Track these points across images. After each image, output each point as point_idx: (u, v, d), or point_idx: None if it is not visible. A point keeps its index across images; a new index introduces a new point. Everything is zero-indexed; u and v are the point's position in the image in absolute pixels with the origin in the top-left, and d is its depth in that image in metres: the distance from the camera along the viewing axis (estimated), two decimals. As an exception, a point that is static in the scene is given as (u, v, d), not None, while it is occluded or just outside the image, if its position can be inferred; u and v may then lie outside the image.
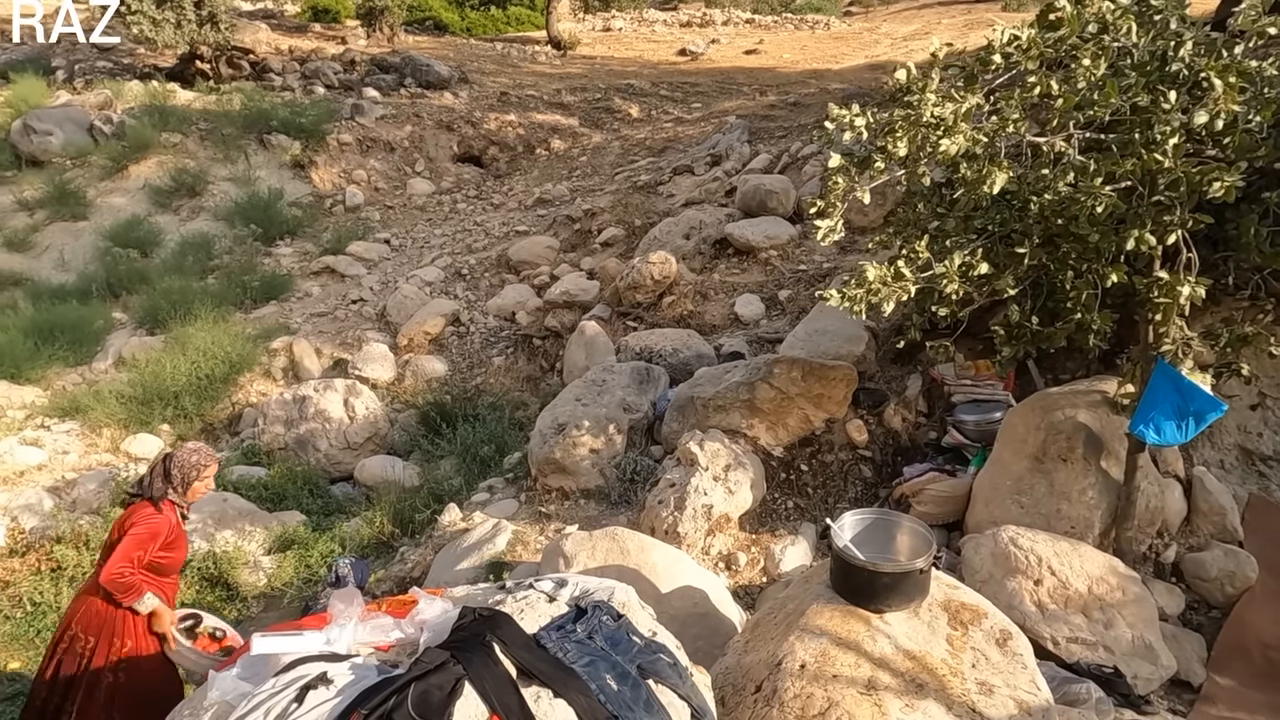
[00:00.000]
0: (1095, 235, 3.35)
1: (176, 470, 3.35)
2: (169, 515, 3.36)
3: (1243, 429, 4.60)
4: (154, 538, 3.27)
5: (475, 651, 1.96)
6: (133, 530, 3.23)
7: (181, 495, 3.38)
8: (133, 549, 3.20)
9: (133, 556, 3.20)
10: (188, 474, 3.37)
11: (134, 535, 3.22)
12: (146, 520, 3.27)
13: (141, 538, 3.23)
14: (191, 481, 3.38)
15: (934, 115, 2.93)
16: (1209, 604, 3.94)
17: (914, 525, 2.95)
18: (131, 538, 3.21)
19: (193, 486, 3.40)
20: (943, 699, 2.53)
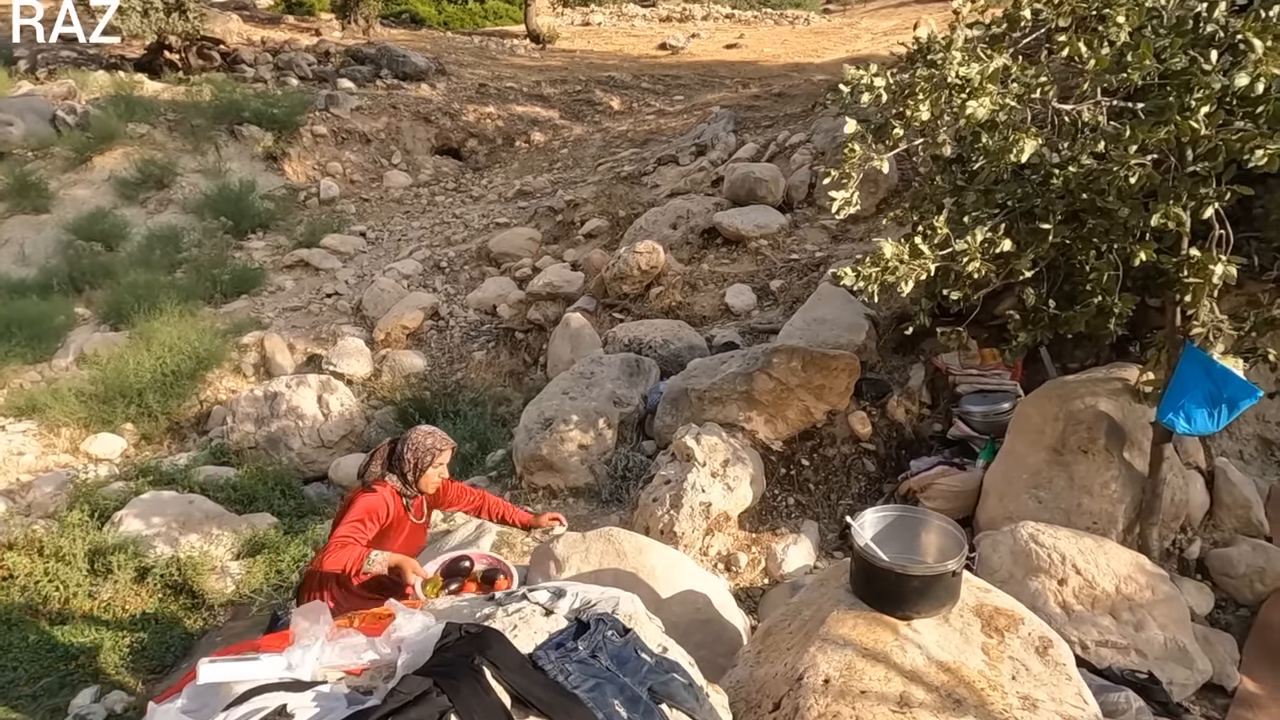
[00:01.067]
0: (1125, 210, 3.13)
1: (410, 454, 3.02)
2: (385, 496, 3.00)
3: (1261, 418, 4.42)
4: (370, 513, 2.94)
5: (462, 678, 1.67)
6: (353, 509, 2.94)
7: (412, 483, 3.04)
8: (346, 527, 2.88)
9: (348, 531, 2.87)
10: (421, 458, 3.03)
11: (353, 514, 2.92)
12: (360, 500, 2.96)
13: (355, 516, 2.91)
14: (425, 467, 3.04)
15: (959, 76, 2.68)
16: (1237, 602, 3.74)
17: (943, 523, 2.71)
18: (351, 513, 2.92)
19: (425, 473, 3.05)
20: (983, 715, 2.28)
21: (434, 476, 3.09)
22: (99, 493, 5.82)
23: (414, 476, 3.04)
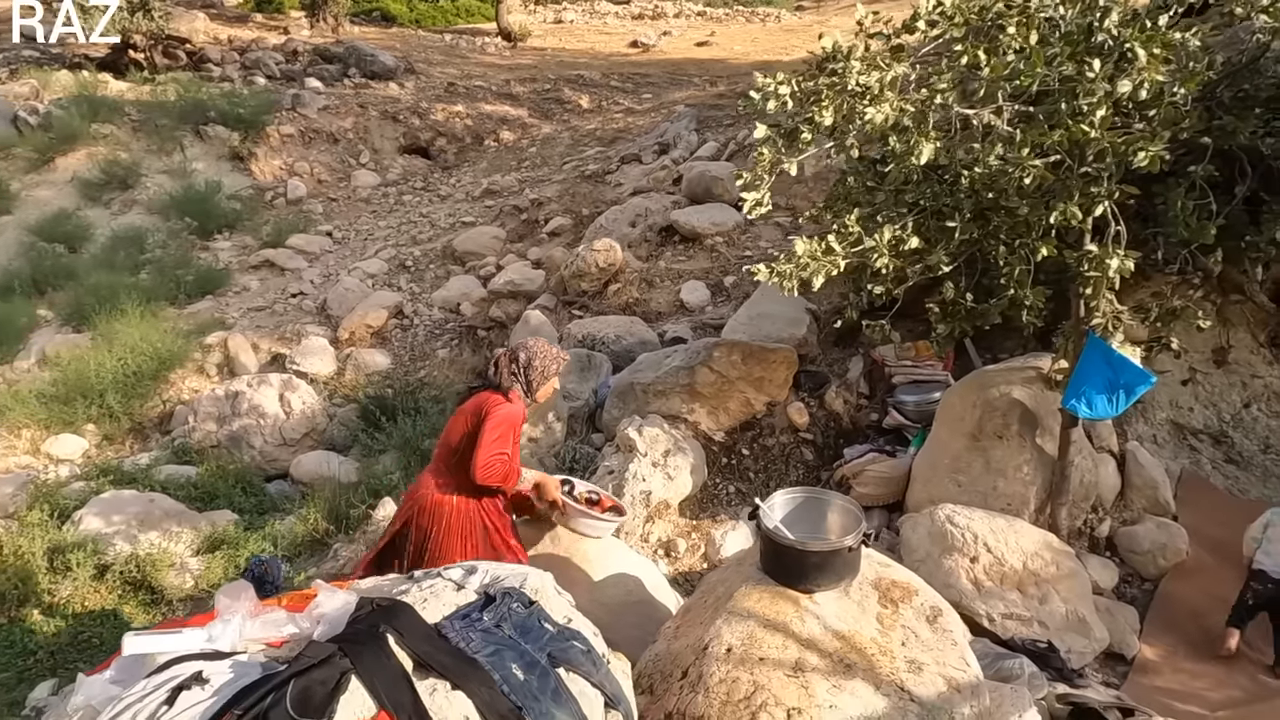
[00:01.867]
0: (1024, 208, 3.33)
1: (539, 363, 3.00)
2: (520, 407, 3.00)
3: (1174, 404, 4.66)
4: (513, 426, 2.94)
5: (366, 644, 1.83)
6: (494, 419, 2.88)
7: (529, 393, 3.03)
8: (496, 439, 2.86)
9: (501, 448, 2.87)
10: (547, 368, 3.02)
11: (493, 424, 2.87)
12: (507, 408, 2.92)
13: (502, 426, 2.88)
14: (547, 378, 3.05)
15: (859, 83, 2.86)
16: (1142, 576, 3.97)
17: (845, 503, 2.89)
18: (492, 427, 2.87)
19: (544, 386, 3.05)
20: (871, 678, 2.47)
21: (548, 391, 3.11)
22: (59, 493, 5.89)
23: (537, 385, 3.03)
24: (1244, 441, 4.61)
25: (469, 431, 2.95)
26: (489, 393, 3.03)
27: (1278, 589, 3.67)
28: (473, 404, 3.02)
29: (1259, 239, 4.00)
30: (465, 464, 2.91)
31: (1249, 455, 4.58)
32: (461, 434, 2.98)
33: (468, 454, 2.91)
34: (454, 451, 3.00)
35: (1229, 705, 3.32)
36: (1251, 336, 4.72)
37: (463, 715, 1.80)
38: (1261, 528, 3.81)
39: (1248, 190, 4.11)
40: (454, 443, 3.00)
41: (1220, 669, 3.52)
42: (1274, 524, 3.79)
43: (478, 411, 2.96)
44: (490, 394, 3.02)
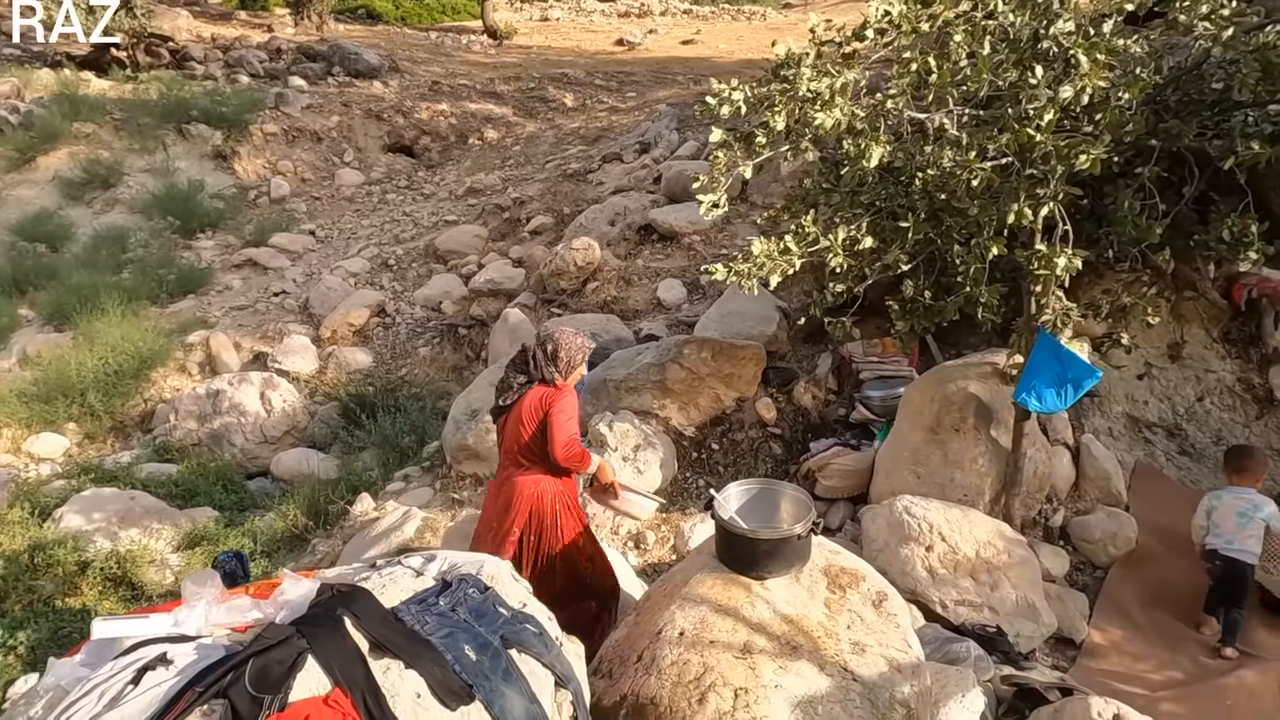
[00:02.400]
0: (974, 209, 3.45)
1: (564, 354, 3.31)
2: (573, 393, 3.34)
3: (1130, 398, 4.80)
4: (576, 413, 3.28)
5: (323, 626, 1.93)
6: (558, 408, 3.21)
7: (562, 378, 3.33)
8: (568, 423, 3.21)
9: (572, 434, 3.22)
10: (573, 357, 3.33)
11: (562, 411, 3.21)
12: (566, 397, 3.25)
13: (569, 411, 3.23)
14: (576, 365, 3.36)
15: (810, 89, 2.97)
16: (1094, 564, 4.10)
17: (795, 493, 3.01)
18: (561, 413, 3.21)
19: (576, 370, 3.37)
20: (816, 659, 2.58)
21: (578, 376, 3.41)
22: (40, 491, 5.96)
23: (565, 373, 3.32)
24: (1197, 434, 4.75)
25: (541, 424, 3.26)
26: (540, 387, 3.31)
27: (1228, 564, 3.82)
28: (532, 402, 3.29)
29: (1207, 237, 4.12)
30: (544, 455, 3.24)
31: (1201, 447, 4.72)
32: (534, 430, 3.28)
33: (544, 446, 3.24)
34: (526, 448, 3.29)
35: (1169, 686, 3.45)
36: (1205, 332, 4.86)
37: (414, 692, 1.90)
38: (1205, 514, 3.97)
39: (1196, 190, 4.24)
40: (525, 440, 3.29)
41: (1163, 652, 3.66)
42: (1215, 507, 3.95)
43: (542, 406, 3.27)
44: (543, 388, 3.31)
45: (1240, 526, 3.86)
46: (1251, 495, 3.93)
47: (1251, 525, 3.83)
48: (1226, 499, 3.98)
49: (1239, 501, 3.93)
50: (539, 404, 3.27)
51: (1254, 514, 3.85)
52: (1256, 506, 3.87)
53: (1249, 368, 4.79)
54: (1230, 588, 3.84)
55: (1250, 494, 3.94)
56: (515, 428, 3.31)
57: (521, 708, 2.01)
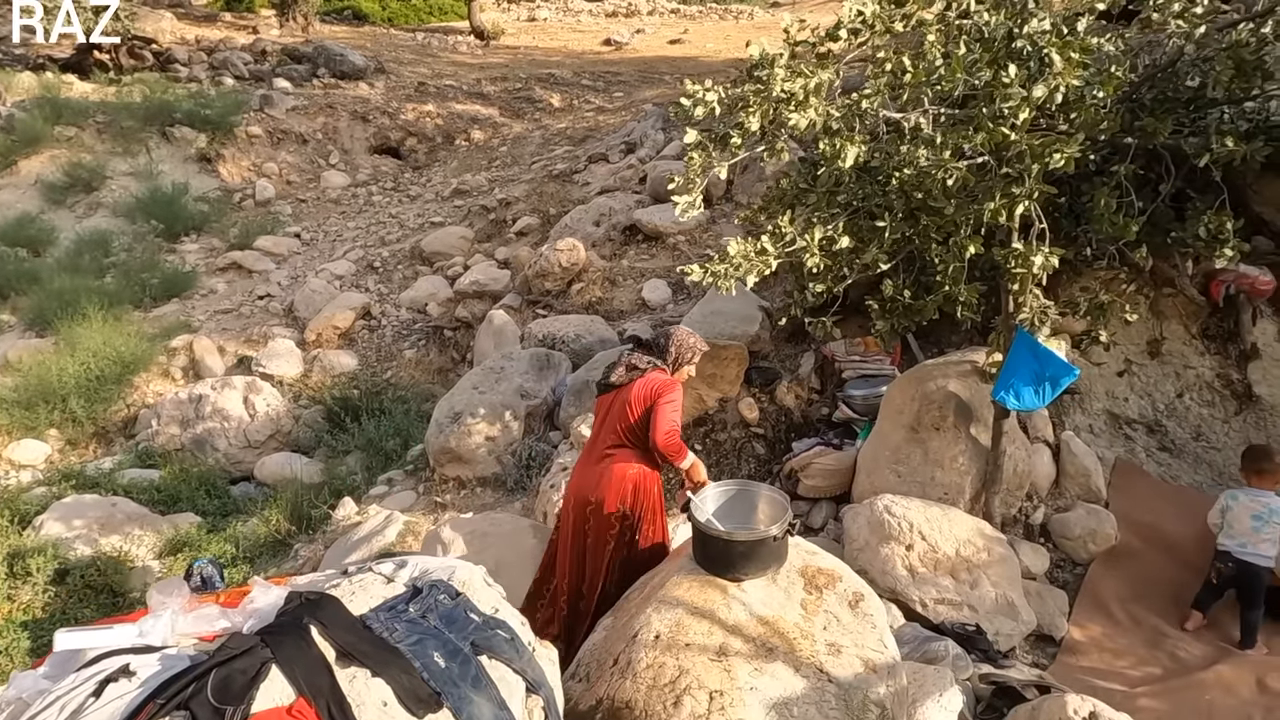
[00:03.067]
0: (950, 208, 3.45)
1: (674, 348, 3.40)
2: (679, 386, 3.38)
3: (1110, 394, 4.81)
4: (681, 406, 3.35)
5: (288, 635, 1.91)
6: (666, 398, 3.27)
7: (670, 372, 3.40)
8: (673, 414, 3.26)
9: (676, 420, 3.27)
10: (683, 354, 3.41)
11: (670, 402, 3.27)
12: (675, 389, 3.31)
13: (676, 403, 3.29)
14: (684, 363, 3.42)
15: (784, 90, 2.97)
16: (1074, 561, 4.11)
17: (772, 494, 3.00)
18: (668, 404, 3.26)
19: (683, 369, 3.43)
20: (791, 661, 2.58)
21: (686, 374, 3.47)
22: (20, 498, 5.91)
23: (673, 368, 3.40)
24: (1177, 430, 4.77)
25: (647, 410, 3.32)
26: (655, 374, 3.37)
27: (1239, 568, 3.81)
28: (643, 387, 3.34)
29: (1184, 234, 4.14)
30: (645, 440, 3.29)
31: (1181, 443, 4.74)
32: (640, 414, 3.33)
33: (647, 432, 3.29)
34: (631, 430, 3.35)
35: (1148, 682, 3.47)
36: (1184, 329, 4.88)
37: (381, 700, 1.89)
38: (1220, 512, 3.92)
39: (1172, 188, 4.27)
40: (631, 422, 3.35)
41: (1143, 648, 3.68)
42: (1230, 507, 3.91)
43: (652, 393, 3.32)
44: (657, 376, 3.37)
45: (1255, 530, 3.81)
46: (1268, 498, 3.83)
47: (1268, 529, 3.78)
48: (1243, 500, 3.90)
49: (1255, 504, 3.85)
50: (649, 391, 3.31)
51: (1270, 518, 3.79)
52: (1273, 510, 3.78)
53: (1228, 364, 4.81)
54: (1245, 591, 3.83)
55: (1268, 496, 3.84)
56: (622, 408, 3.37)
57: (490, 714, 2.00)
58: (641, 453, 3.33)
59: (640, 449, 3.32)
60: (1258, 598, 3.73)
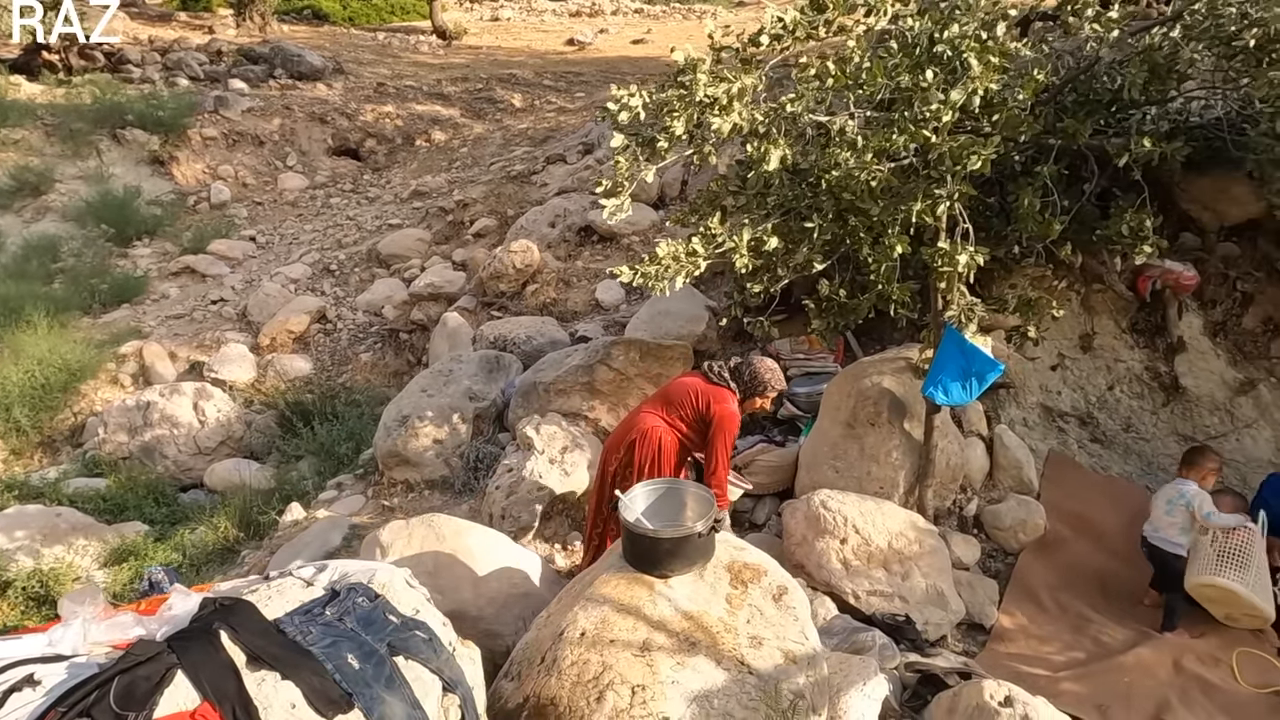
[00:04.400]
0: (876, 208, 3.53)
1: (748, 375, 3.54)
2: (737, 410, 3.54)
3: (1044, 388, 4.94)
4: (735, 434, 3.53)
5: (195, 640, 1.93)
6: (726, 429, 3.45)
7: (742, 403, 3.55)
8: (727, 448, 3.46)
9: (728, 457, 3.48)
10: (752, 386, 3.55)
11: (728, 434, 3.47)
12: (734, 420, 3.48)
13: (731, 436, 3.48)
14: (754, 394, 3.57)
15: (707, 95, 3.03)
16: (1006, 551, 4.22)
17: (699, 491, 3.06)
18: (727, 435, 3.46)
19: (753, 400, 3.57)
20: (713, 654, 2.64)
21: (758, 404, 3.62)
22: (-39, 509, 5.79)
23: (744, 398, 3.56)
24: (1108, 422, 4.91)
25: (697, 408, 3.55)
26: (716, 387, 3.55)
27: (1151, 552, 3.96)
28: (710, 394, 3.54)
29: (1108, 232, 4.27)
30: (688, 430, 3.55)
31: (1112, 434, 4.89)
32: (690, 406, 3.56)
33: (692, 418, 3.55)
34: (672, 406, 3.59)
35: (1071, 666, 3.58)
36: (1114, 323, 5.03)
37: (289, 702, 1.91)
38: None
39: (1097, 187, 4.40)
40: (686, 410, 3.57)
41: (1068, 634, 3.79)
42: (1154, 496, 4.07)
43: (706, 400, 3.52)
44: (718, 389, 3.54)
45: (1165, 514, 3.95)
46: (1184, 485, 3.96)
47: (1175, 513, 3.93)
48: (1164, 488, 4.06)
49: (1170, 490, 3.99)
50: (719, 408, 3.47)
51: (1178, 501, 3.93)
52: (1183, 494, 3.93)
53: (1156, 357, 4.96)
54: (1160, 575, 3.97)
55: (1185, 484, 3.97)
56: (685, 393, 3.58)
57: (403, 713, 2.03)
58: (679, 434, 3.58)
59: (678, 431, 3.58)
60: (1173, 582, 3.86)
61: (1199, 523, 3.84)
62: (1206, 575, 3.70)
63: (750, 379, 3.57)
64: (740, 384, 3.57)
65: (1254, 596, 3.63)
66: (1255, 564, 3.67)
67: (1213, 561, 3.71)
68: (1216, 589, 3.70)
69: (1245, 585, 3.62)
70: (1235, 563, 3.65)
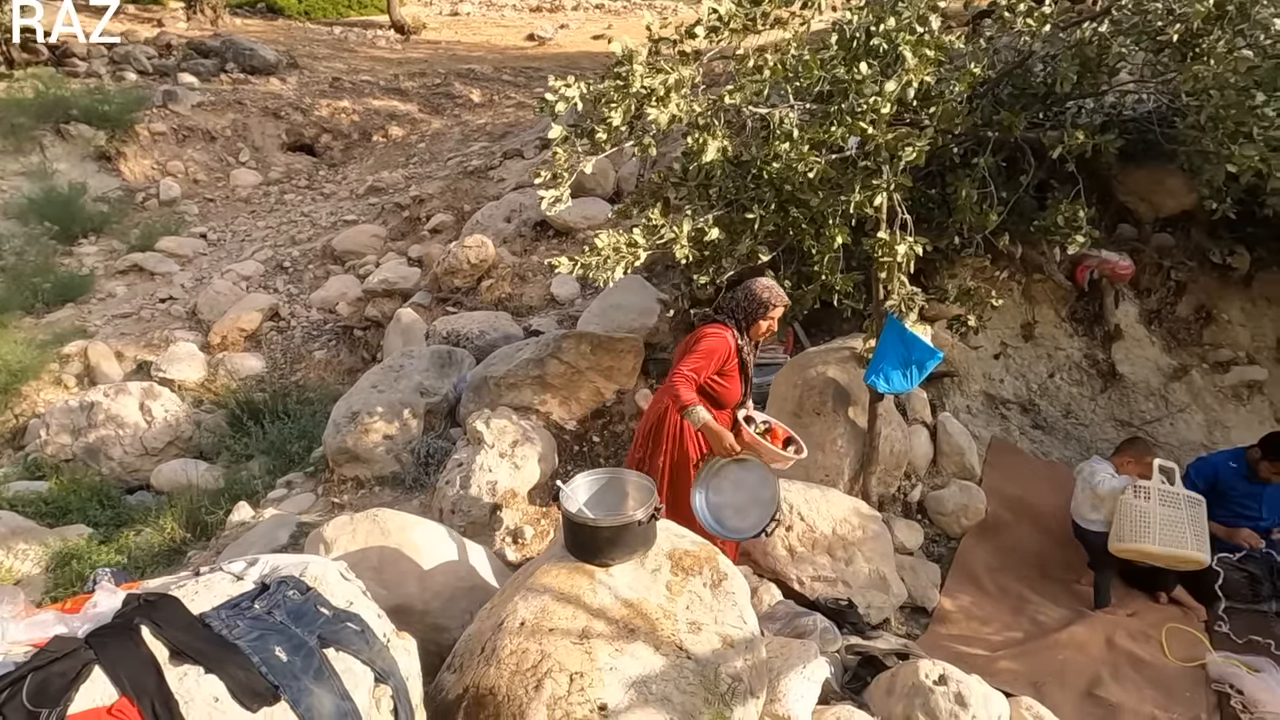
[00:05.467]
0: (816, 199, 3.59)
1: (744, 298, 3.31)
2: (728, 339, 3.29)
3: (987, 376, 5.06)
4: (710, 355, 3.25)
5: (114, 636, 1.90)
6: (692, 347, 3.26)
7: (745, 330, 3.33)
8: (691, 360, 3.23)
9: (692, 367, 3.22)
10: (752, 309, 3.30)
11: (693, 349, 3.25)
12: (707, 337, 3.26)
13: (700, 352, 3.24)
14: (755, 318, 3.32)
15: (644, 86, 3.04)
16: (948, 536, 4.32)
17: (640, 480, 3.08)
18: (690, 351, 3.25)
19: (756, 323, 3.33)
20: (652, 640, 2.66)
21: (764, 329, 3.38)
22: (-106, 515, 5.61)
23: (745, 324, 3.33)
24: (1048, 408, 5.04)
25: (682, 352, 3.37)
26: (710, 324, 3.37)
27: (1077, 533, 4.08)
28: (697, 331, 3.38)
29: (1045, 223, 4.38)
30: None
31: (1052, 420, 5.01)
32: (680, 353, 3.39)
33: None
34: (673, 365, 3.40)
35: (1008, 646, 3.67)
36: (1054, 312, 5.16)
37: (213, 696, 1.89)
38: None
39: (1035, 179, 4.50)
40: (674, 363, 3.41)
41: (1007, 614, 3.89)
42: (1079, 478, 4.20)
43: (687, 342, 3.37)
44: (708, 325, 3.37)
45: (1080, 493, 4.11)
46: (1100, 465, 4.11)
47: (1085, 491, 4.08)
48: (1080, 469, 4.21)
49: (1086, 469, 4.15)
50: (691, 339, 3.34)
51: (1090, 479, 4.08)
52: (1094, 472, 4.10)
53: (1094, 344, 5.10)
54: (1088, 553, 4.10)
55: (1101, 463, 4.13)
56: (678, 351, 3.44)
57: (331, 704, 2.02)
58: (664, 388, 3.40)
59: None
60: (1097, 560, 4.00)
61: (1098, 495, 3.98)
62: (1115, 542, 3.86)
63: (747, 301, 3.33)
64: (739, 311, 3.34)
65: (1170, 549, 3.76)
66: (1156, 519, 3.79)
67: (1122, 527, 3.85)
68: (1129, 551, 3.86)
69: (1153, 541, 3.74)
70: (1138, 522, 3.79)
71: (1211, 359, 5.21)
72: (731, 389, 3.40)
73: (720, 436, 3.19)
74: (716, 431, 3.19)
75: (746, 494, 3.26)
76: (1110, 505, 3.98)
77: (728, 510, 3.29)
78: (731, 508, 3.28)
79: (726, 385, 3.38)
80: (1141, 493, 3.85)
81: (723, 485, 3.30)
